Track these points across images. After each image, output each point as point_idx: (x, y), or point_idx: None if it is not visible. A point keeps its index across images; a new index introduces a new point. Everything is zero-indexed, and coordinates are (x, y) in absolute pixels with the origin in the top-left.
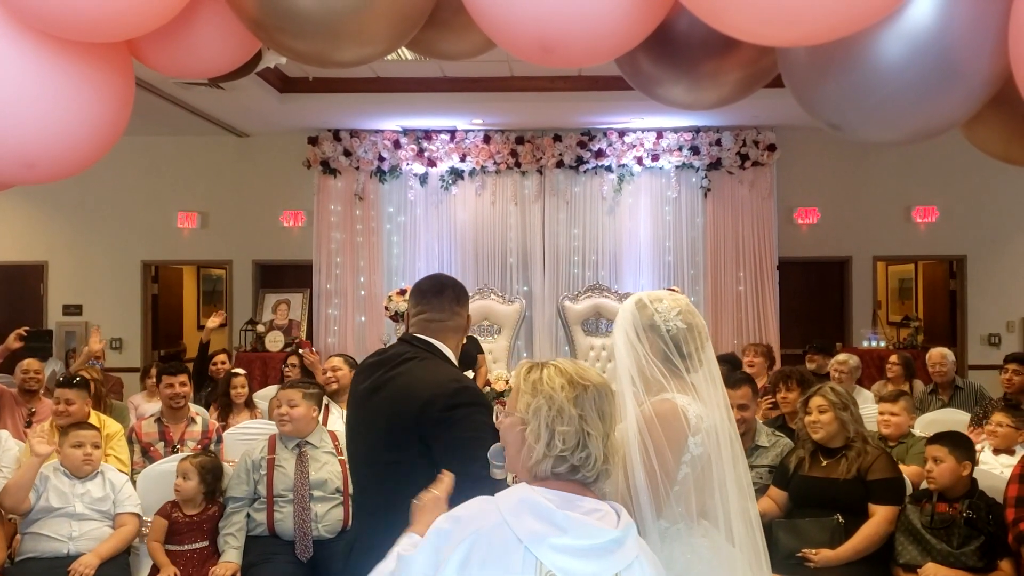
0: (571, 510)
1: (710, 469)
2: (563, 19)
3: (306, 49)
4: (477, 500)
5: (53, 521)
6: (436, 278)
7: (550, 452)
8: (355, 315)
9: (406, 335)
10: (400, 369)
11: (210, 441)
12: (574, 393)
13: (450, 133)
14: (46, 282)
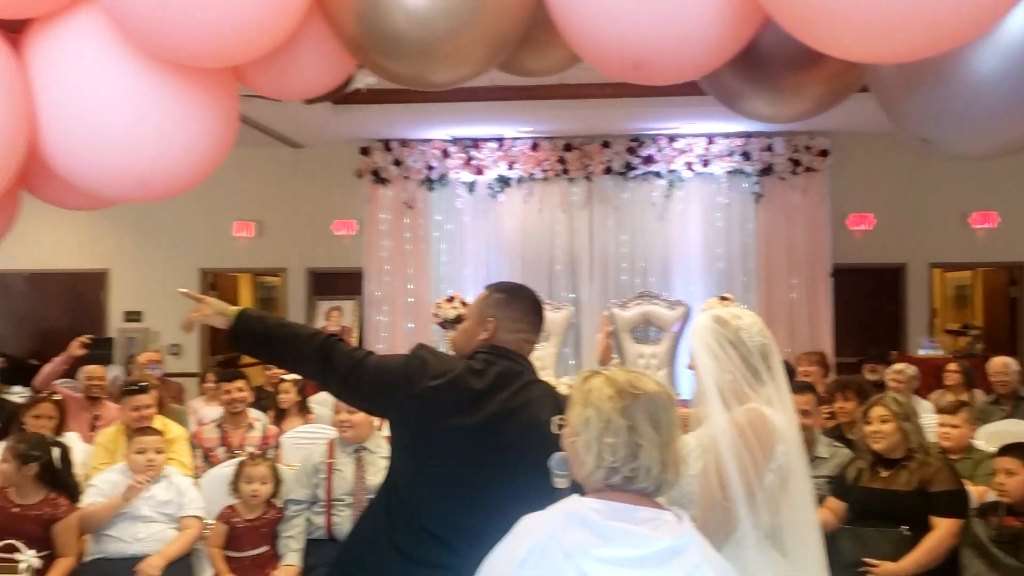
0: (621, 520)
1: (789, 478)
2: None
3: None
4: (527, 516)
5: (120, 523)
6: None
7: (601, 464)
8: (404, 322)
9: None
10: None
11: (268, 446)
12: (623, 403)
13: (498, 141)
14: (108, 289)
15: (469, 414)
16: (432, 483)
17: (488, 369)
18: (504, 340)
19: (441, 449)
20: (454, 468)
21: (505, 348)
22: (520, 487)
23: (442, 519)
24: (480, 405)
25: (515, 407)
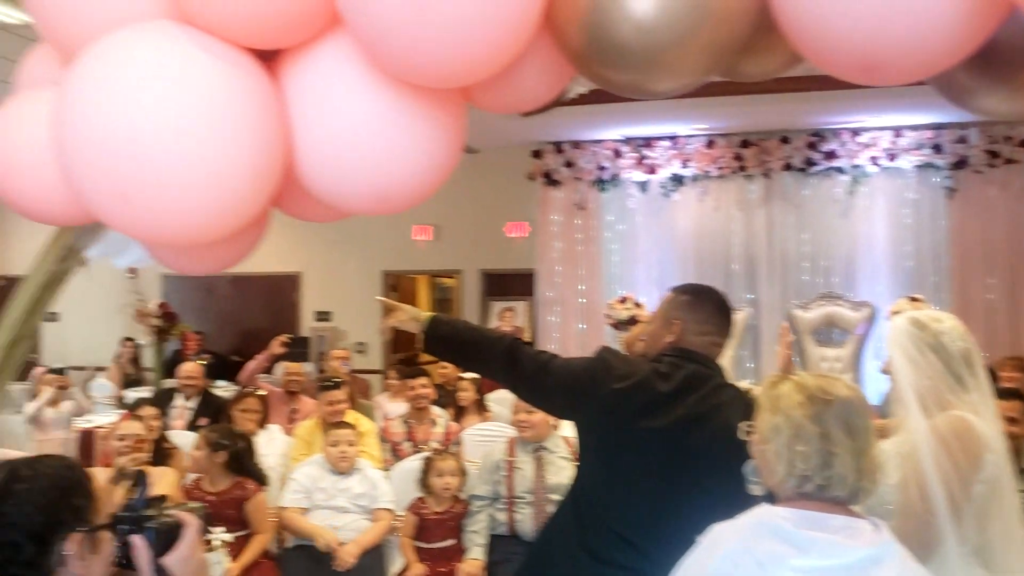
0: (814, 529)
1: (999, 490)
2: (891, 38)
3: (623, 79)
4: (717, 525)
5: (319, 513)
6: (722, 299)
7: (792, 472)
8: (575, 323)
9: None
10: (721, 398)
11: (450, 442)
12: (814, 410)
13: (671, 139)
14: (301, 291)
15: (657, 417)
16: (620, 486)
17: (675, 372)
18: (691, 343)
19: (628, 452)
20: (642, 471)
21: (692, 351)
22: (710, 492)
23: (630, 521)
24: (668, 408)
25: (705, 411)
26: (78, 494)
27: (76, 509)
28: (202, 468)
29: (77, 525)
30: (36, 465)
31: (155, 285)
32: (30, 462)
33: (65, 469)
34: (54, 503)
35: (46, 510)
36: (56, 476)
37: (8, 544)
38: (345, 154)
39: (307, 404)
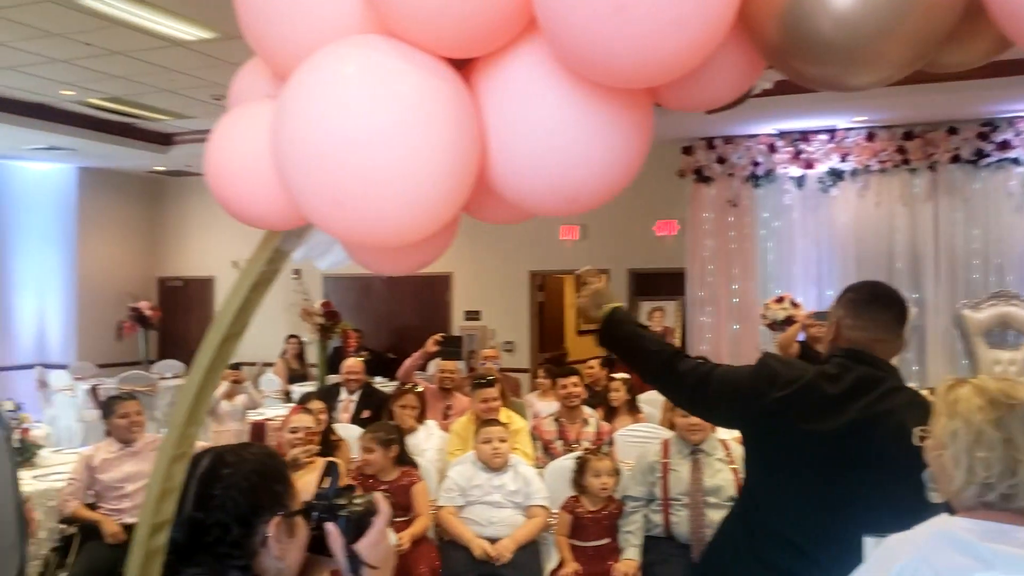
0: (999, 542)
1: None
2: None
3: (819, 73)
4: (892, 537)
5: (475, 508)
6: (883, 291)
7: (972, 479)
8: (728, 323)
9: (866, 355)
10: (894, 401)
11: (602, 442)
12: (996, 415)
13: (829, 133)
14: (451, 291)
15: (824, 420)
16: (788, 490)
17: (844, 374)
18: (854, 341)
19: (796, 456)
20: (810, 475)
21: (862, 352)
22: (883, 498)
23: (799, 527)
24: (836, 411)
25: (876, 415)
26: (277, 480)
27: (276, 494)
28: (379, 467)
29: (277, 509)
30: (240, 452)
31: (317, 285)
32: (235, 449)
33: (266, 456)
34: (256, 488)
35: (249, 494)
36: (258, 463)
37: (217, 524)
38: (537, 157)
39: (461, 401)
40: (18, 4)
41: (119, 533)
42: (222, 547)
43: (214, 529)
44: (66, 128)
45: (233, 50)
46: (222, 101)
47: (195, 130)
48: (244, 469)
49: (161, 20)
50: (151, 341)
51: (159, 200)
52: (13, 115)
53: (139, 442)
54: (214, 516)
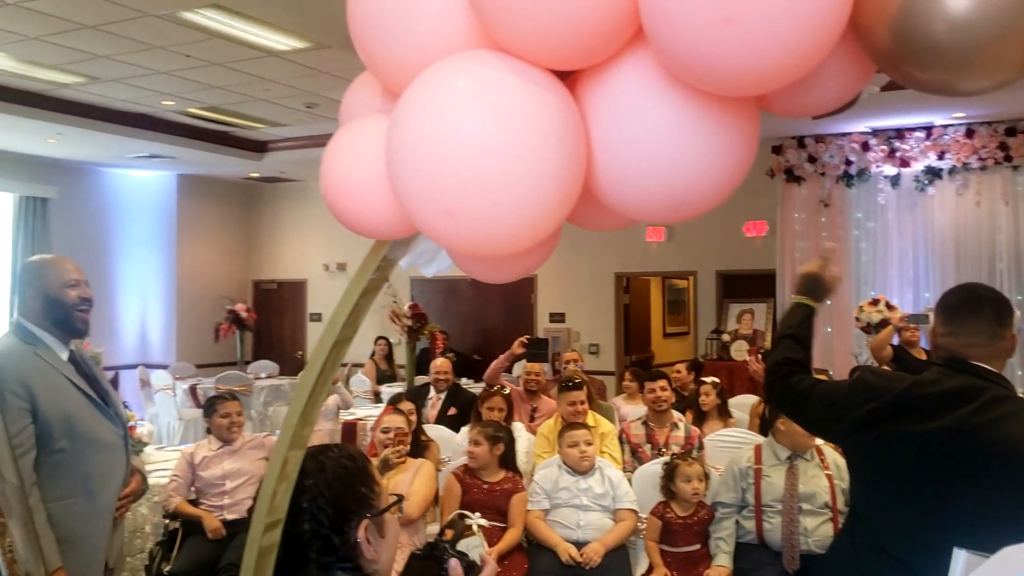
0: None
1: None
2: None
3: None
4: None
5: (563, 511)
6: (969, 293)
7: None
8: (821, 326)
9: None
10: (1000, 411)
11: (692, 447)
12: None
13: (925, 130)
14: (536, 292)
15: (917, 428)
16: (884, 502)
17: (940, 383)
18: (954, 350)
19: (891, 467)
20: (905, 485)
21: (961, 360)
22: (990, 509)
23: (901, 540)
24: (929, 419)
25: (976, 425)
26: (361, 482)
27: (361, 496)
28: (483, 462)
29: (364, 512)
30: (319, 459)
31: (405, 288)
32: (314, 455)
33: (347, 459)
34: (341, 495)
35: (335, 502)
36: (339, 467)
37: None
38: (643, 165)
39: (547, 403)
40: (123, 19)
41: (219, 529)
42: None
43: (313, 542)
44: (167, 137)
45: (324, 59)
46: (314, 109)
47: (288, 137)
48: (326, 477)
49: (257, 31)
50: (246, 342)
51: (254, 205)
52: (118, 125)
53: (238, 441)
54: (306, 529)
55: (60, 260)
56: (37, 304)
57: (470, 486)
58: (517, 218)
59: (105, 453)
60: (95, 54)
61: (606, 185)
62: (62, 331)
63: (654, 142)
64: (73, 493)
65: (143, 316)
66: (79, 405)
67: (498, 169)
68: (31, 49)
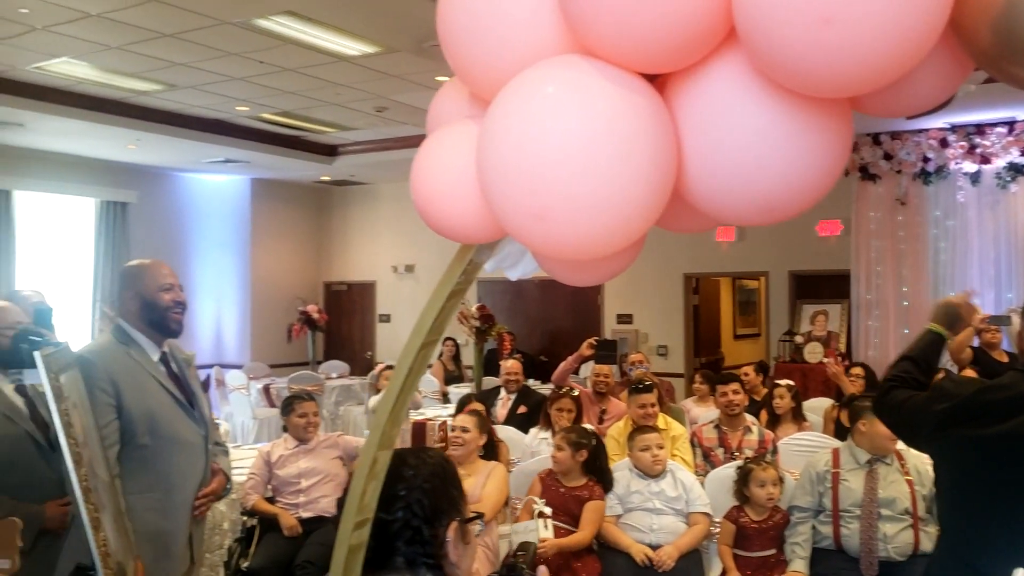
0: None
1: None
2: None
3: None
4: None
5: (635, 515)
6: None
7: None
8: (898, 327)
9: None
10: None
11: (766, 451)
12: None
13: (1007, 125)
14: (603, 294)
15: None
16: (970, 513)
17: (1016, 386)
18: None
19: (964, 473)
20: (981, 493)
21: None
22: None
23: (985, 552)
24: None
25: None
26: (454, 485)
27: (453, 499)
28: (565, 467)
29: (453, 514)
30: (420, 455)
31: (471, 289)
32: (414, 452)
33: (444, 461)
34: (437, 490)
35: (432, 495)
36: (437, 466)
37: (406, 526)
38: (735, 168)
39: (616, 405)
40: (200, 27)
41: (295, 527)
42: (415, 547)
43: (404, 531)
44: (241, 142)
45: (394, 63)
46: (383, 113)
47: (358, 141)
48: (425, 471)
49: (329, 37)
50: (317, 343)
51: (324, 208)
52: (194, 131)
53: (313, 440)
54: (399, 516)
55: (156, 264)
56: (134, 306)
57: (549, 486)
58: (607, 222)
59: (186, 452)
60: (173, 62)
61: (696, 188)
62: (157, 332)
63: (746, 145)
64: (152, 488)
65: (218, 317)
66: (163, 404)
67: (589, 173)
68: (113, 58)
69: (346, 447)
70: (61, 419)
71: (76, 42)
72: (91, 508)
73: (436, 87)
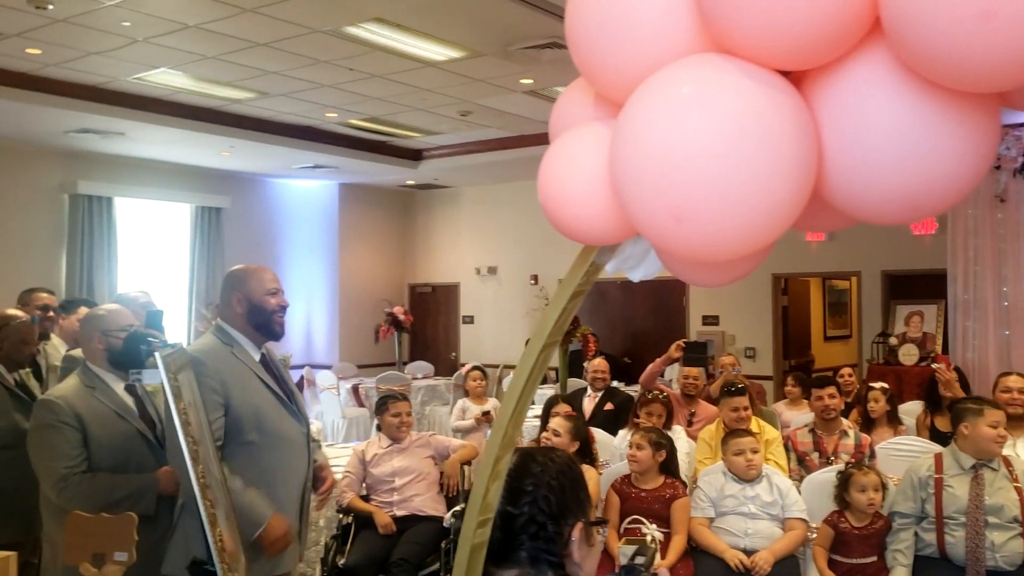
0: None
1: None
2: None
3: None
4: None
5: (729, 519)
6: None
7: None
8: (998, 328)
9: None
10: None
11: (863, 455)
12: None
13: None
14: (688, 295)
15: None
16: None
17: None
18: None
19: None
20: None
21: None
22: None
23: None
24: None
25: None
26: (580, 487)
27: (580, 500)
28: (645, 467)
29: (579, 515)
30: (547, 454)
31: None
32: (543, 451)
33: (570, 462)
34: (565, 489)
35: (559, 493)
36: (564, 466)
37: (531, 520)
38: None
39: (705, 408)
40: (293, 36)
41: (390, 524)
42: (539, 543)
43: (529, 525)
44: (330, 148)
45: (478, 67)
46: (467, 117)
47: (442, 145)
48: (552, 469)
49: (416, 43)
50: (403, 343)
51: (409, 212)
52: (285, 137)
53: (406, 440)
54: (525, 511)
55: (262, 270)
56: (241, 309)
57: (627, 494)
58: (747, 223)
59: (289, 448)
60: (265, 70)
61: (838, 187)
62: (261, 335)
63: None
64: (256, 483)
65: (308, 319)
66: (268, 402)
67: (728, 174)
68: (207, 67)
69: (438, 446)
70: (180, 418)
71: (174, 52)
72: (208, 504)
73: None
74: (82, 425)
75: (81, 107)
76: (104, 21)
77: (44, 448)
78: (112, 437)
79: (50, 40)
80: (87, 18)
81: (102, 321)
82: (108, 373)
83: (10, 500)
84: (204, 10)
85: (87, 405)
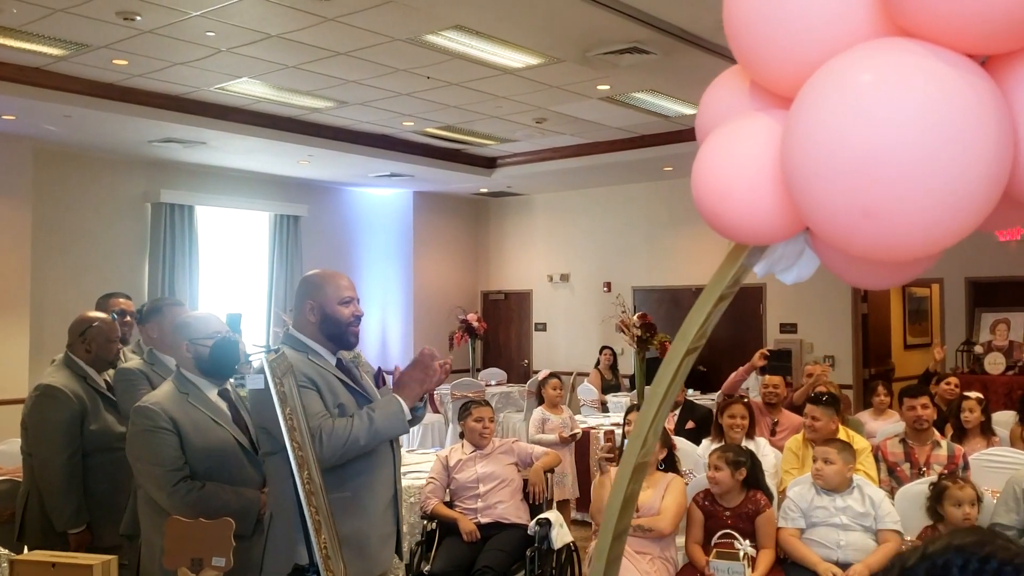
0: None
1: None
2: None
3: None
4: None
5: (819, 530)
6: None
7: None
8: None
9: None
10: None
11: (956, 467)
12: None
13: None
14: (765, 303)
15: None
16: None
17: None
18: None
19: None
20: None
21: None
22: None
23: None
24: None
25: None
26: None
27: None
28: (725, 487)
29: None
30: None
31: (628, 297)
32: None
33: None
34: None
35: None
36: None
37: None
38: None
39: (788, 417)
40: (373, 45)
41: (474, 532)
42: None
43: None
44: (405, 156)
45: (555, 74)
46: (542, 124)
47: (516, 152)
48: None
49: (494, 50)
50: (477, 350)
51: (482, 219)
52: (363, 146)
53: (489, 446)
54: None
55: (337, 276)
56: (314, 317)
57: (711, 512)
58: (939, 218)
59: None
60: (344, 79)
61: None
62: (335, 344)
63: None
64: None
65: (384, 325)
66: (351, 404)
67: (923, 165)
68: (288, 77)
69: (521, 453)
70: (286, 423)
71: (256, 62)
72: (313, 511)
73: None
74: (178, 430)
75: (165, 117)
76: (189, 32)
77: (147, 454)
78: (207, 443)
79: (136, 51)
80: (173, 29)
81: (188, 330)
82: (201, 379)
83: (109, 502)
84: (287, 20)
85: (182, 411)
